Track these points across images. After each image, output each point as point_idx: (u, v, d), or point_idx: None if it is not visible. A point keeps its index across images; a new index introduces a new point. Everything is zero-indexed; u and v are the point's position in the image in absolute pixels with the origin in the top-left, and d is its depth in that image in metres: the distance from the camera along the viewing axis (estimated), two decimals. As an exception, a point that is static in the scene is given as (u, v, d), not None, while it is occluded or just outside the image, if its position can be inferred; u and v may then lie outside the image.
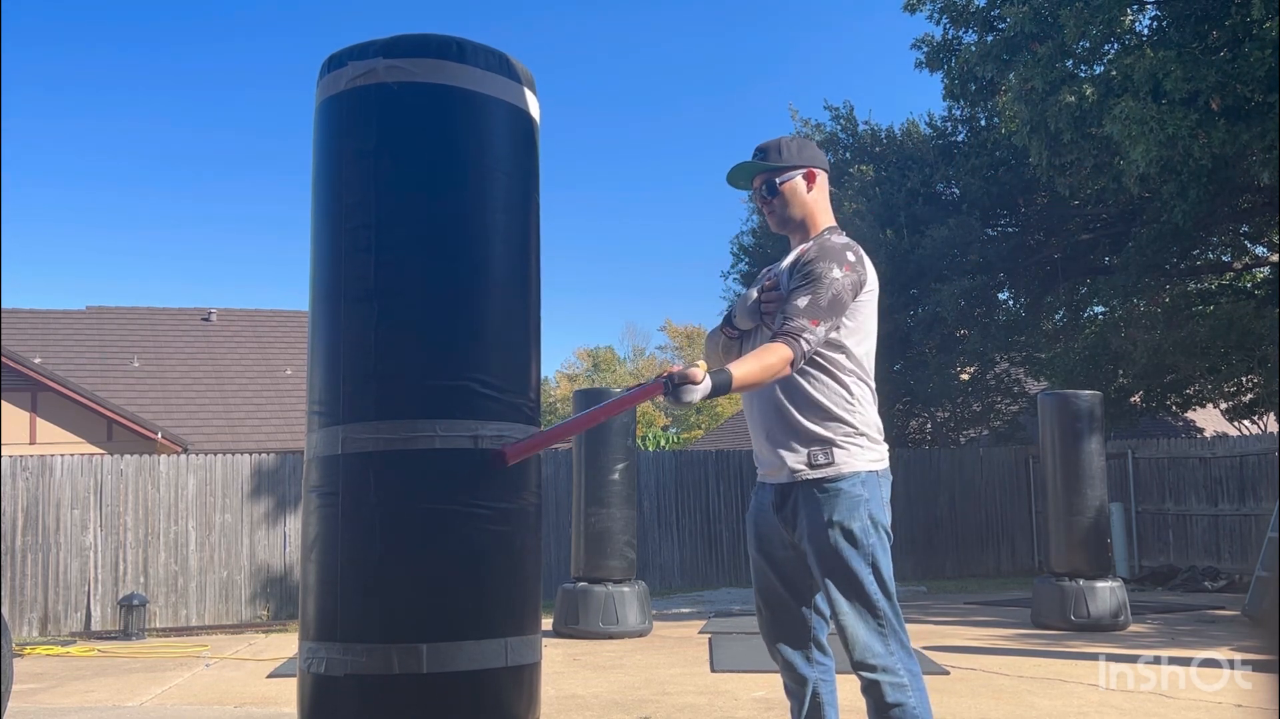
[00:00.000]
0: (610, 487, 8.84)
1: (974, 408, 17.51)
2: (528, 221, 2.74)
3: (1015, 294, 16.23)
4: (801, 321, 2.75)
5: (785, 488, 2.86)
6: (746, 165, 3.02)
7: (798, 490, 2.83)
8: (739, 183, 3.08)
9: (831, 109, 16.73)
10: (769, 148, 3.02)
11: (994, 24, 12.72)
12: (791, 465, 2.82)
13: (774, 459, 2.87)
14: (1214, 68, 9.78)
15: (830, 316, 2.79)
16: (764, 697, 5.50)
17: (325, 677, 2.47)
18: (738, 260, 18.69)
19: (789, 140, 3.06)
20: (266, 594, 12.40)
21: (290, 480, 12.55)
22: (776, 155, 2.99)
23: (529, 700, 2.58)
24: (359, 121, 2.59)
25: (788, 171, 2.98)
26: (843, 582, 2.77)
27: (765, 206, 3.04)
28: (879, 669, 2.74)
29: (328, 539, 2.51)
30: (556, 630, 8.58)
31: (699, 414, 49.84)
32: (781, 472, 2.85)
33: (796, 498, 2.83)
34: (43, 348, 21.90)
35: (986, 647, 7.51)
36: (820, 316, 2.76)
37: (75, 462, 12.00)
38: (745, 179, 3.06)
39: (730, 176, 3.07)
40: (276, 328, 25.17)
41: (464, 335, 2.56)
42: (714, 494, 14.54)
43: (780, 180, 2.98)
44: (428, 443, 2.47)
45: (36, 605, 11.57)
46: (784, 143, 3.03)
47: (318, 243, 2.66)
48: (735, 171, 3.05)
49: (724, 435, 30.89)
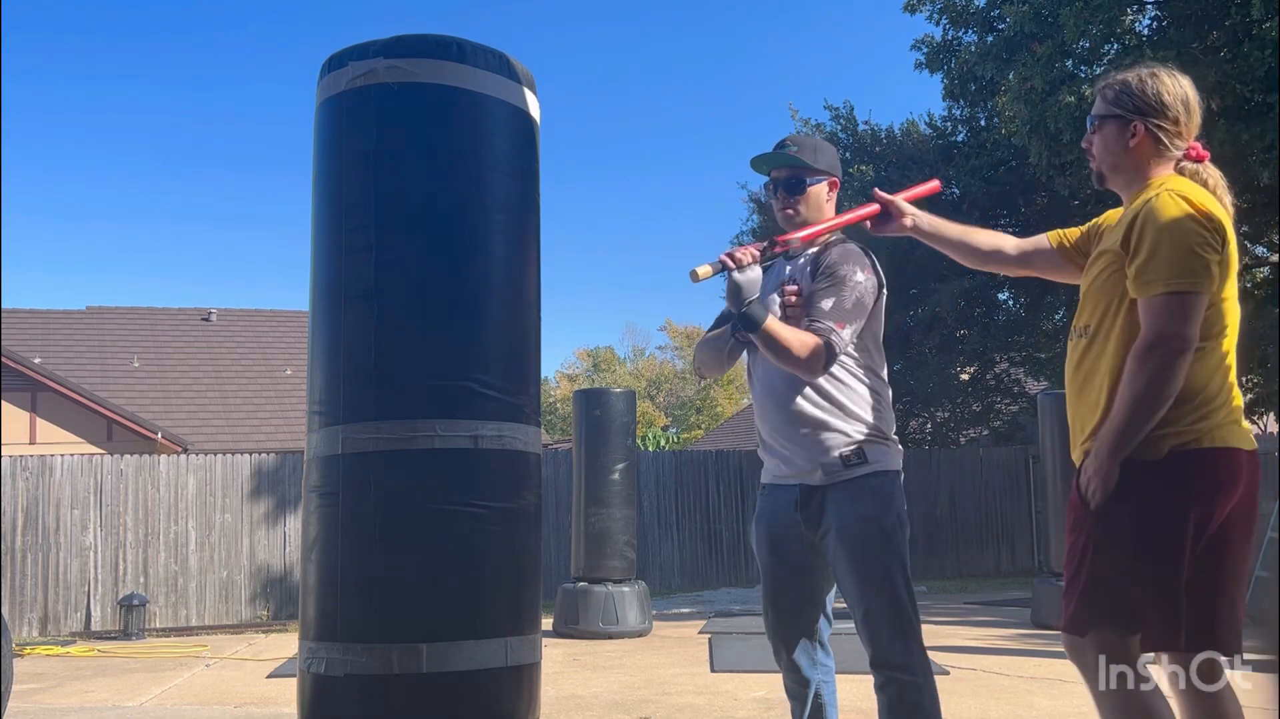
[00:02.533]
0: (610, 487, 8.84)
1: (974, 408, 17.51)
2: (528, 221, 2.74)
3: (1015, 294, 16.22)
4: (829, 323, 2.75)
5: (812, 488, 2.85)
6: (781, 156, 2.97)
7: (828, 491, 2.82)
8: (763, 167, 3.04)
9: (831, 109, 16.73)
10: (803, 144, 2.99)
11: (994, 24, 12.72)
12: (825, 466, 2.81)
13: (800, 461, 2.84)
14: (1214, 68, 9.78)
15: (855, 319, 2.80)
16: (764, 697, 5.50)
17: (325, 677, 2.47)
18: (738, 260, 18.65)
19: (822, 143, 3.05)
20: (266, 594, 12.40)
21: (290, 480, 12.54)
22: (812, 155, 2.97)
23: (529, 700, 2.59)
24: (359, 122, 2.59)
25: (819, 174, 2.98)
26: (871, 579, 2.76)
27: (783, 201, 2.99)
28: (898, 668, 2.74)
29: (328, 539, 2.51)
30: (556, 630, 8.58)
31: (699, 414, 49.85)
32: (813, 473, 2.83)
33: (823, 498, 2.82)
34: (43, 348, 21.90)
35: (986, 647, 7.51)
36: (846, 319, 2.77)
37: (75, 462, 12.00)
38: (774, 167, 3.02)
39: (756, 161, 3.02)
40: (276, 328, 25.17)
41: (464, 335, 2.56)
42: (714, 494, 14.53)
43: (810, 181, 2.96)
44: (428, 443, 2.48)
45: (36, 605, 11.57)
46: (819, 144, 3.02)
47: (318, 243, 2.66)
48: (766, 158, 3.00)
49: (724, 435, 30.91)
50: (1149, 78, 2.47)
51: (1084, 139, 2.57)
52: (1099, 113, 2.52)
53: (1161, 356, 2.24)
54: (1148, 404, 2.24)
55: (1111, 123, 2.48)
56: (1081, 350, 2.46)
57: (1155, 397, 2.24)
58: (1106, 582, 2.29)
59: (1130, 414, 2.25)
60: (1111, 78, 2.53)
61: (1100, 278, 2.41)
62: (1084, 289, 2.48)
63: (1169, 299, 2.25)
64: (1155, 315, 2.25)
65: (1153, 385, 2.23)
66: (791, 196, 2.97)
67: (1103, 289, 2.40)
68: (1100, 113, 2.51)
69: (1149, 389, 2.24)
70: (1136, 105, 2.45)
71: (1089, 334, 2.44)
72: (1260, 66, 9.59)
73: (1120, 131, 2.46)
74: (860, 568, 2.77)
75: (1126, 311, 2.35)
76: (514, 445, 2.59)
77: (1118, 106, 2.47)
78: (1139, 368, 2.25)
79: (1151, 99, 2.44)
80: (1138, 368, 2.25)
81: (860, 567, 2.77)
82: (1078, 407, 2.47)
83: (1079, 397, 2.46)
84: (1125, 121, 2.46)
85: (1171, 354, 2.23)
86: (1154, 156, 2.46)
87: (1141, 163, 2.46)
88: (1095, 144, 2.53)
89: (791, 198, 2.97)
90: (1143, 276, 2.28)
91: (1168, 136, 2.45)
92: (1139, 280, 2.29)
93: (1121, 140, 2.46)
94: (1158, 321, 2.25)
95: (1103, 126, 2.50)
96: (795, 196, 2.96)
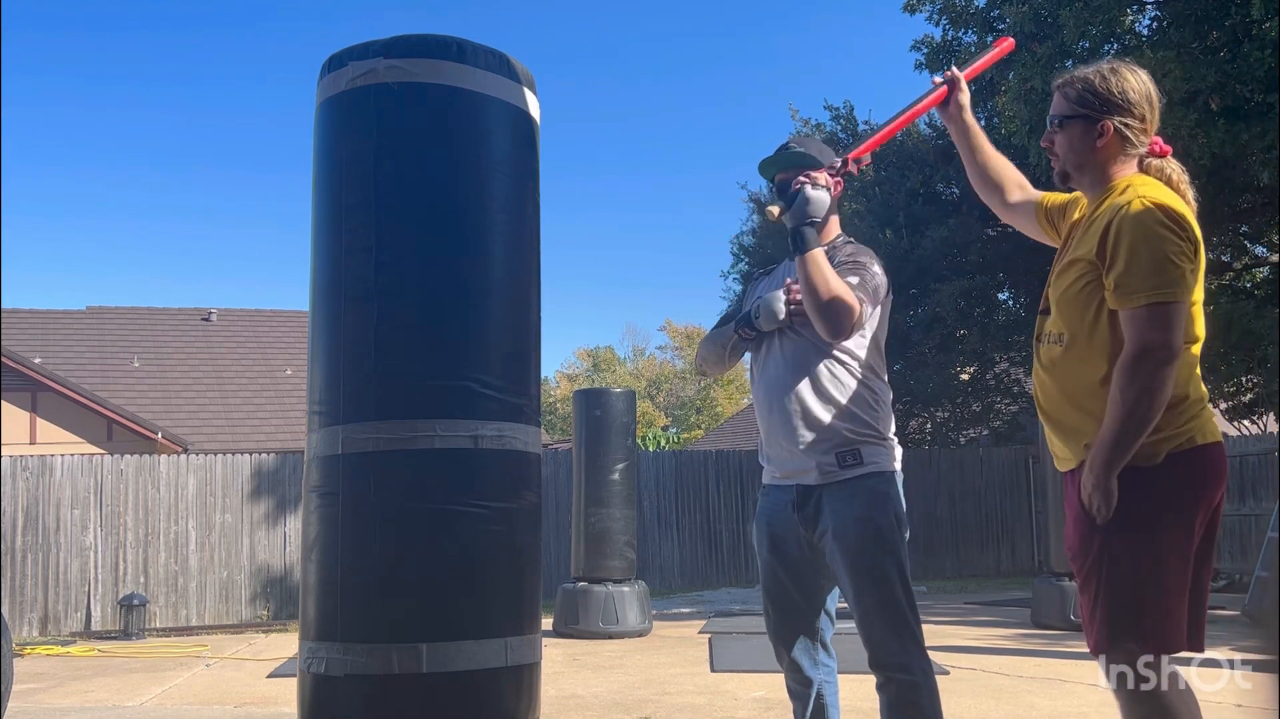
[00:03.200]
0: (610, 487, 8.84)
1: (974, 408, 17.50)
2: (528, 221, 2.74)
3: (1015, 294, 16.22)
4: (858, 294, 2.77)
5: (809, 488, 2.86)
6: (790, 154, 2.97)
7: (824, 491, 2.83)
8: (769, 173, 3.06)
9: (831, 109, 16.74)
10: (808, 145, 3.01)
11: (994, 24, 12.72)
12: (821, 466, 2.82)
13: (798, 460, 2.85)
14: (1213, 68, 9.79)
15: (874, 303, 2.86)
16: (764, 697, 5.50)
17: (325, 677, 2.47)
18: (738, 260, 18.68)
19: (823, 145, 3.08)
20: (266, 594, 12.40)
21: (290, 480, 12.55)
22: (817, 154, 2.98)
23: (529, 700, 2.59)
24: (359, 122, 2.60)
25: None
26: (869, 579, 2.77)
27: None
28: (897, 668, 2.75)
29: (328, 539, 2.51)
30: (556, 630, 8.58)
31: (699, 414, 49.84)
32: (808, 473, 2.84)
33: (821, 498, 2.83)
34: (43, 348, 21.90)
35: (986, 647, 7.51)
36: (866, 299, 2.80)
37: (75, 462, 12.00)
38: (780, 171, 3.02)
39: (765, 165, 3.03)
40: (276, 328, 25.17)
41: (464, 335, 2.56)
42: (714, 494, 14.53)
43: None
44: (428, 443, 2.48)
45: (36, 605, 11.57)
46: (821, 147, 3.05)
47: (318, 243, 2.66)
48: (776, 160, 3.01)
49: (724, 435, 30.92)
50: (1110, 74, 2.43)
51: (1044, 138, 2.53)
52: (1062, 112, 2.47)
53: (1149, 368, 2.22)
54: (1140, 416, 2.23)
55: (1077, 122, 2.44)
56: (1055, 357, 2.44)
57: (1148, 408, 2.23)
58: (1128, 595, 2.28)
59: (1123, 427, 2.24)
60: (1071, 75, 2.49)
61: (1075, 287, 2.39)
62: (1055, 296, 2.45)
63: (1151, 310, 2.23)
64: (1139, 327, 2.24)
65: (1144, 397, 2.22)
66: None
67: (1077, 298, 2.38)
68: (1064, 112, 2.47)
69: (1140, 401, 2.22)
70: (1103, 103, 2.41)
71: (1063, 341, 2.41)
72: (1260, 66, 9.59)
73: (1087, 131, 2.43)
74: (857, 568, 2.78)
75: (1108, 321, 2.33)
76: (514, 445, 2.59)
77: (1083, 105, 2.43)
78: (1128, 381, 2.23)
79: (1118, 97, 2.41)
80: (1126, 381, 2.23)
81: (857, 567, 2.78)
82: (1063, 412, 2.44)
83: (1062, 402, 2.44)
84: (1092, 121, 2.42)
85: (1158, 365, 2.22)
86: (1120, 155, 2.43)
87: (1108, 161, 2.43)
88: (1059, 143, 2.48)
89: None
90: (1123, 288, 2.26)
91: (1134, 134, 2.42)
92: (1120, 292, 2.27)
93: (1088, 140, 2.43)
94: (1143, 333, 2.23)
95: (1067, 126, 2.46)
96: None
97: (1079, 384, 2.39)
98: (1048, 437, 2.53)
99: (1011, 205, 2.79)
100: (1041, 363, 2.48)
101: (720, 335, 3.04)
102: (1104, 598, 2.30)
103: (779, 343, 2.92)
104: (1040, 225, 2.71)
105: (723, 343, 3.02)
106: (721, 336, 3.03)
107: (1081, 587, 2.37)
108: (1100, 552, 2.30)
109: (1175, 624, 2.29)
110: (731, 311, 3.15)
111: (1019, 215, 2.78)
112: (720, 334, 3.04)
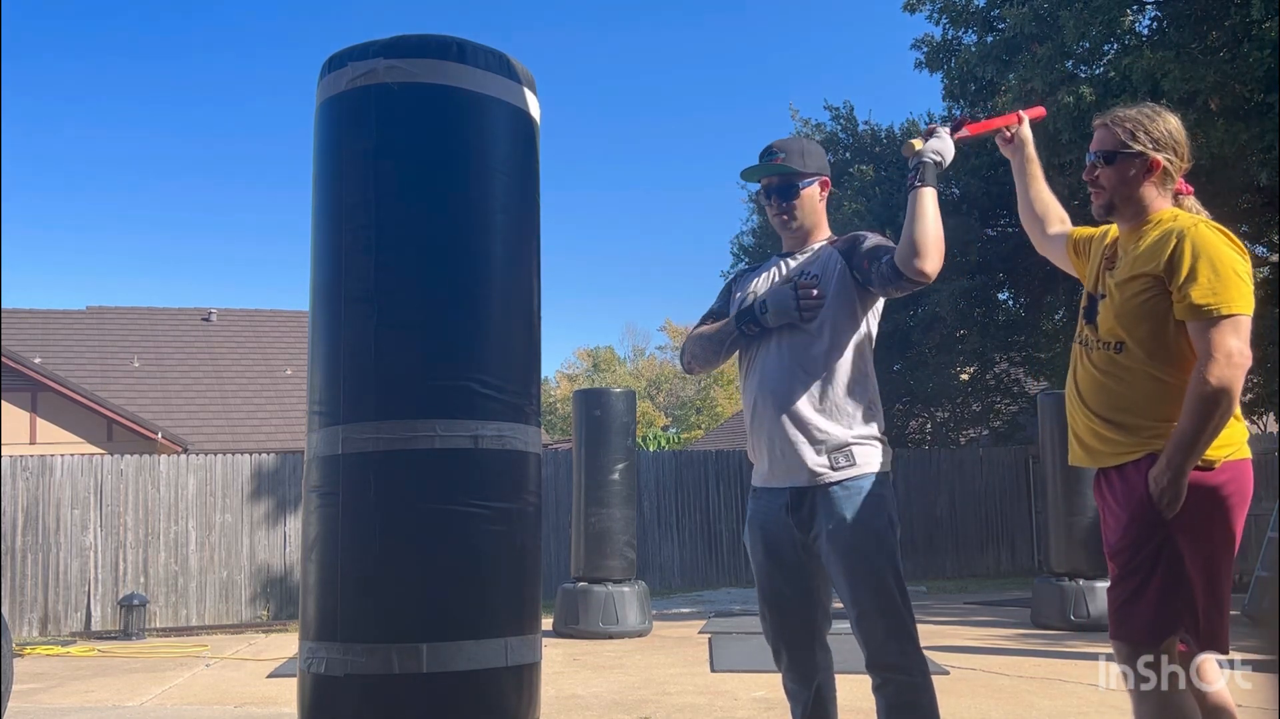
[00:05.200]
0: (610, 487, 8.84)
1: (974, 408, 17.51)
2: (528, 222, 2.74)
3: (1015, 294, 16.22)
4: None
5: (802, 490, 2.85)
6: (772, 166, 3.00)
7: (817, 493, 2.83)
8: (754, 178, 3.07)
9: (831, 109, 16.74)
10: (790, 149, 3.02)
11: (994, 24, 12.72)
12: (813, 468, 2.82)
13: (790, 463, 2.85)
14: (1213, 68, 9.78)
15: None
16: (764, 697, 5.50)
17: (325, 677, 2.47)
18: (738, 260, 18.69)
19: (808, 144, 3.09)
20: (266, 594, 12.40)
21: (290, 480, 12.55)
22: (800, 159, 3.00)
23: (529, 700, 2.59)
24: (359, 122, 2.59)
25: (809, 177, 3.01)
26: (863, 580, 2.77)
27: (778, 207, 3.02)
28: (894, 669, 2.75)
29: (328, 539, 2.51)
30: (556, 630, 8.58)
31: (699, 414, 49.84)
32: (800, 475, 2.84)
33: (815, 500, 2.83)
34: (43, 348, 21.90)
35: (986, 647, 7.51)
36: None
37: (75, 462, 12.00)
38: (763, 176, 3.05)
39: (746, 173, 3.06)
40: (276, 328, 25.17)
41: (464, 335, 2.56)
42: (714, 494, 14.54)
43: (802, 185, 3.00)
44: (428, 443, 2.47)
45: (36, 605, 11.58)
46: (805, 146, 3.06)
47: (318, 243, 2.66)
48: (756, 170, 3.03)
49: (724, 435, 30.91)
50: (1156, 115, 2.66)
51: (1086, 172, 2.71)
52: (1113, 148, 2.65)
53: (1230, 374, 2.41)
54: (1219, 418, 2.41)
55: (1132, 159, 2.62)
56: (1106, 360, 2.59)
57: (1226, 410, 2.42)
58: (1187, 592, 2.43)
59: (1201, 427, 2.40)
60: (1116, 114, 2.69)
61: (1137, 299, 2.54)
62: (1116, 306, 2.59)
63: (1231, 321, 2.43)
64: (1223, 335, 2.42)
65: (1223, 400, 2.40)
66: (786, 202, 3.01)
67: (1141, 309, 2.54)
68: (1115, 148, 2.64)
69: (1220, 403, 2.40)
70: (1154, 142, 2.62)
71: (1118, 348, 2.57)
72: (1260, 66, 9.59)
73: (1140, 166, 2.62)
74: (852, 570, 2.78)
75: (1175, 332, 2.49)
76: (514, 445, 2.59)
77: (1137, 143, 2.62)
78: (1212, 387, 2.40)
79: (1164, 136, 2.62)
80: (1211, 388, 2.40)
81: (852, 569, 2.78)
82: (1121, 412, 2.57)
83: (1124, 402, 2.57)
84: (1146, 157, 2.62)
85: (1238, 371, 2.42)
86: (1161, 189, 2.64)
87: (1151, 196, 2.63)
88: (1108, 177, 2.66)
89: (786, 203, 3.01)
90: (1205, 302, 2.43)
91: (1175, 170, 2.64)
92: (1201, 306, 2.44)
93: (1140, 175, 2.62)
94: (1225, 342, 2.42)
95: (1118, 161, 2.64)
96: (789, 202, 3.01)
97: (1143, 387, 2.55)
98: (1088, 432, 2.66)
99: (1051, 237, 3.02)
100: (1095, 364, 2.63)
101: (718, 330, 3.02)
102: (1157, 592, 2.43)
103: (775, 341, 2.91)
104: (1069, 256, 2.93)
105: (720, 338, 3.01)
106: (721, 332, 3.01)
107: (1122, 579, 2.49)
108: (1161, 547, 2.43)
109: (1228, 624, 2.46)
110: (718, 308, 3.13)
111: (1053, 246, 3.01)
112: (718, 329, 3.03)
